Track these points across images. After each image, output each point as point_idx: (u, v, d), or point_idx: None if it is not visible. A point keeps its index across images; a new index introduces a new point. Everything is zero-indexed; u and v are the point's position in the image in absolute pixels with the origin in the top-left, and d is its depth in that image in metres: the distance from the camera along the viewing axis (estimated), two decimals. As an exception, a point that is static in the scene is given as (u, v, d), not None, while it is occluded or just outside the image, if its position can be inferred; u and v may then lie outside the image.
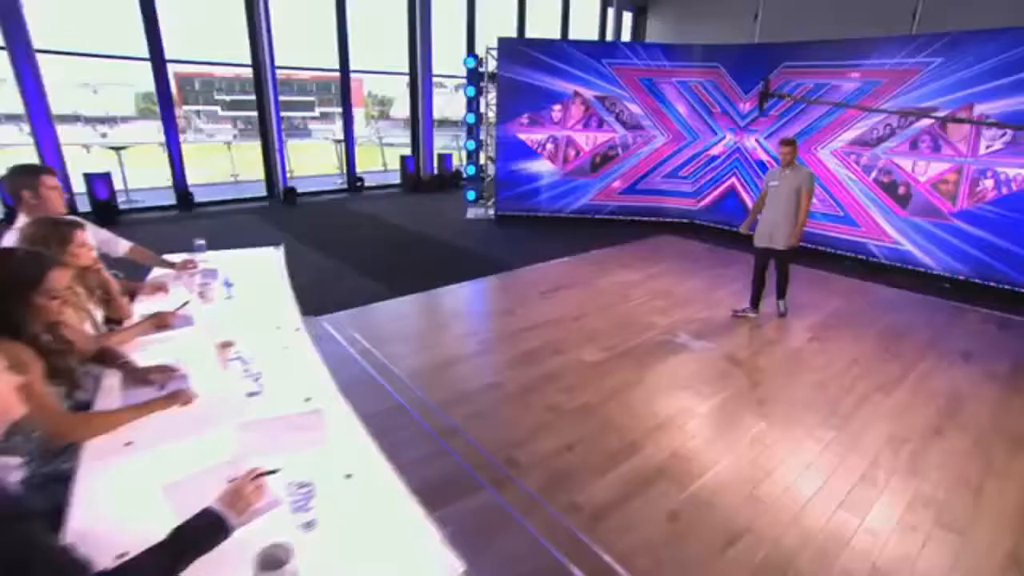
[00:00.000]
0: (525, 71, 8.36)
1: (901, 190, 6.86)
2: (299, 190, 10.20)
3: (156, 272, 3.32)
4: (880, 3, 9.15)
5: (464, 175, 9.53)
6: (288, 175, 11.80)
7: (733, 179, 8.41)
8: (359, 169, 11.40)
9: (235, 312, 2.79)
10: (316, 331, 4.70)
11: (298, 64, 10.97)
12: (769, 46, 7.77)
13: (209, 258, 3.44)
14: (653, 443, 3.45)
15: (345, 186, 11.13)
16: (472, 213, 9.47)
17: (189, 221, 8.55)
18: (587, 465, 3.22)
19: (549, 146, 8.68)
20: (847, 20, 9.26)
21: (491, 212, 9.16)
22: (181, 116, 22.55)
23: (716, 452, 3.38)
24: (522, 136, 8.67)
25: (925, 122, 6.58)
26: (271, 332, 2.55)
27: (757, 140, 8.06)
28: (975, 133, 6.30)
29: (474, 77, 8.85)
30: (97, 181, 8.02)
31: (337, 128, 12.13)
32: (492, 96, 8.68)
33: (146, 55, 8.24)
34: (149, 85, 8.53)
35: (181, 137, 8.69)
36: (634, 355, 4.52)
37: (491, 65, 8.59)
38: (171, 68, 8.48)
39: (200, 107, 25.49)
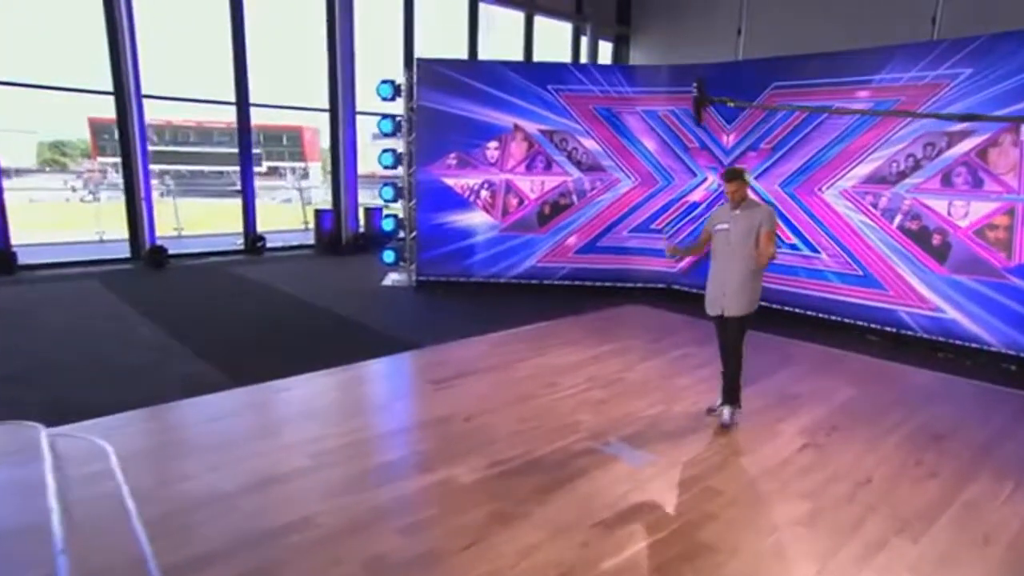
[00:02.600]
0: (451, 100, 8.05)
1: (935, 240, 6.26)
2: (173, 251, 9.90)
3: None
4: (892, 9, 8.88)
5: (383, 231, 8.93)
6: (176, 232, 11.35)
7: (720, 231, 7.74)
8: (278, 227, 11.09)
9: None
10: (17, 446, 3.86)
11: (188, 95, 10.55)
12: (753, 63, 7.40)
13: None
14: (514, 630, 2.45)
15: (242, 247, 10.85)
16: (391, 279, 9.06)
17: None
18: None
19: (484, 193, 8.32)
20: (853, 31, 9.02)
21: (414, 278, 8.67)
22: (96, 169, 22.35)
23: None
24: (449, 181, 8.27)
25: (957, 151, 6.04)
26: None
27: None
28: (1027, 161, 5.66)
29: (409, 108, 8.41)
30: None
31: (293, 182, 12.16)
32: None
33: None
34: (55, 132, 8.34)
35: (90, 195, 8.21)
36: (534, 472, 3.73)
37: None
38: (84, 113, 8.24)
39: (121, 159, 25.60)
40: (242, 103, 10.20)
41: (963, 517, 3.31)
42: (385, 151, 8.48)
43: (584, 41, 13.67)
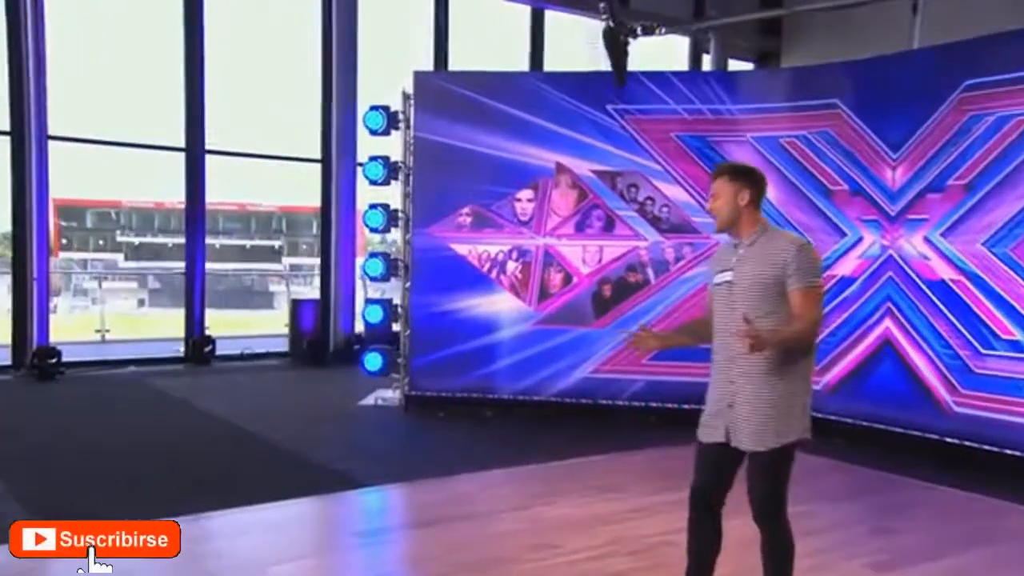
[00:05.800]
0: (462, 130, 8.14)
1: None
2: (78, 357, 10.43)
3: None
4: None
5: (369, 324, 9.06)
6: (101, 336, 11.67)
7: (886, 322, 7.42)
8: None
9: None
10: None
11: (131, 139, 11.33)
12: (934, 52, 7.24)
13: None
14: None
15: (182, 354, 11.21)
16: (375, 397, 9.08)
17: None
18: None
19: (512, 266, 8.33)
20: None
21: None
22: (56, 270, 23.94)
23: None
24: (460, 248, 8.29)
25: None
26: None
27: (927, 239, 7.05)
28: None
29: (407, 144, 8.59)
30: None
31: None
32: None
33: None
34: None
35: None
36: None
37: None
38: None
39: (92, 255, 27.25)
40: (195, 148, 10.68)
41: None
42: (372, 207, 8.52)
43: (707, 60, 14.17)
